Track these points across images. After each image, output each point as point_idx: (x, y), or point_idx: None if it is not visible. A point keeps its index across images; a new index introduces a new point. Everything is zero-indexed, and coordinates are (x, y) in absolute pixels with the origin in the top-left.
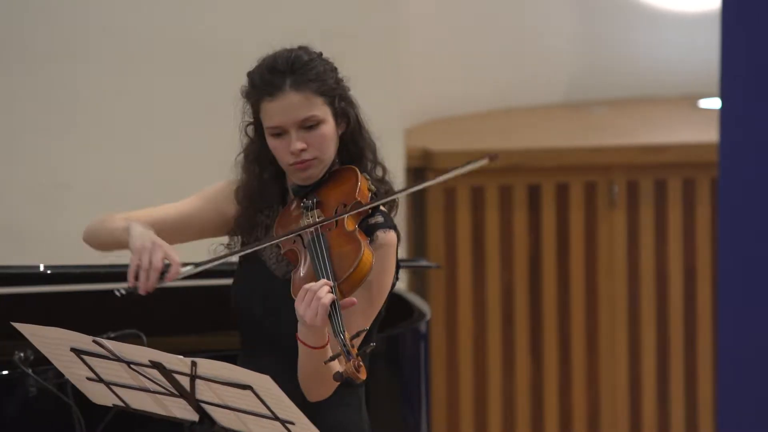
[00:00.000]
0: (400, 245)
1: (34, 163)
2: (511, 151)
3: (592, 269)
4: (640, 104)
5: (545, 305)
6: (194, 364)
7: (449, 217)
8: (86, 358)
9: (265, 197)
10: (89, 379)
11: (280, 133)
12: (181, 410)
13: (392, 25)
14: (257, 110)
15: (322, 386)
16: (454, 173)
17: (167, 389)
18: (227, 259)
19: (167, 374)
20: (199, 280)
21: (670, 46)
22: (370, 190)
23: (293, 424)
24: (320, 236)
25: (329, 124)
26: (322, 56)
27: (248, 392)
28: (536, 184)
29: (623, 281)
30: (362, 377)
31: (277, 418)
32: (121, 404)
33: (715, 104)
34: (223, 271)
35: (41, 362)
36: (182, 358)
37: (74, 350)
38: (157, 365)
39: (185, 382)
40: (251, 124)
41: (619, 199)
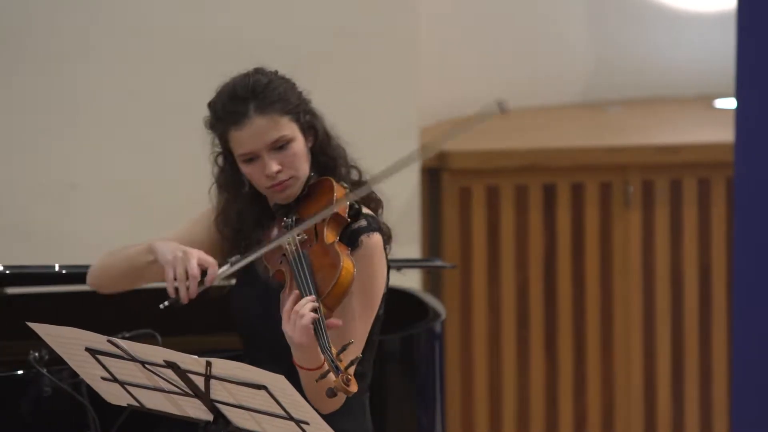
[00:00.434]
0: (416, 246)
1: (42, 162)
2: (526, 150)
3: (607, 269)
4: (655, 104)
5: (560, 305)
6: (209, 364)
7: (464, 216)
8: (101, 357)
9: (245, 220)
10: (104, 378)
11: (252, 158)
12: (195, 410)
13: (408, 25)
14: (225, 140)
15: (328, 402)
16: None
17: (182, 389)
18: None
19: (182, 374)
20: None
21: (685, 46)
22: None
23: (308, 424)
24: (301, 254)
25: (299, 140)
26: (278, 74)
27: (263, 392)
28: (551, 183)
29: (638, 281)
30: (352, 390)
31: (291, 418)
32: (135, 404)
33: (730, 104)
34: None
35: (56, 362)
36: (197, 358)
37: (89, 350)
38: (171, 365)
39: (200, 382)
40: (220, 153)
41: (634, 198)
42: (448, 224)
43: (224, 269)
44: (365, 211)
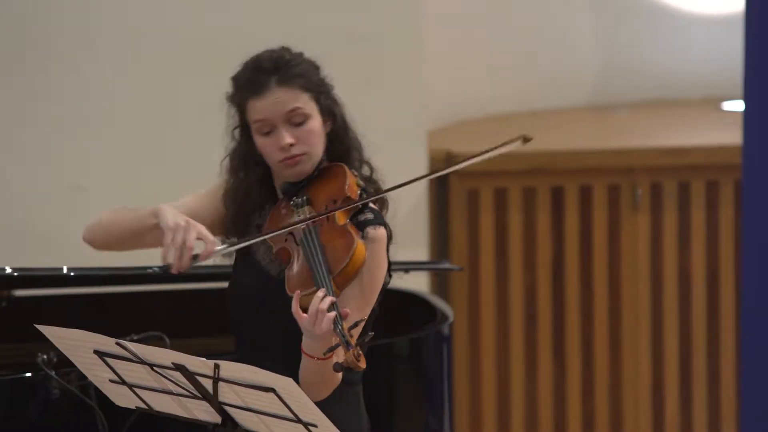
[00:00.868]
0: (423, 248)
1: (50, 164)
2: (534, 153)
3: (615, 272)
4: (663, 106)
5: (568, 308)
6: (217, 366)
7: (472, 219)
8: (109, 360)
9: (251, 200)
10: (112, 381)
11: (268, 131)
12: (203, 413)
13: (415, 27)
14: (243, 110)
15: (323, 389)
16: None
17: (190, 392)
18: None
19: (190, 377)
20: (221, 282)
21: (693, 48)
22: (358, 185)
23: (316, 426)
24: (313, 232)
25: (316, 119)
26: (303, 55)
27: (271, 395)
28: (559, 186)
29: (646, 284)
30: (362, 366)
31: (299, 420)
32: (143, 406)
33: (738, 106)
34: None
35: (64, 364)
36: (205, 360)
37: (97, 352)
38: (180, 368)
39: (208, 384)
40: (237, 127)
41: (642, 201)
42: (455, 227)
43: (221, 248)
44: (371, 206)
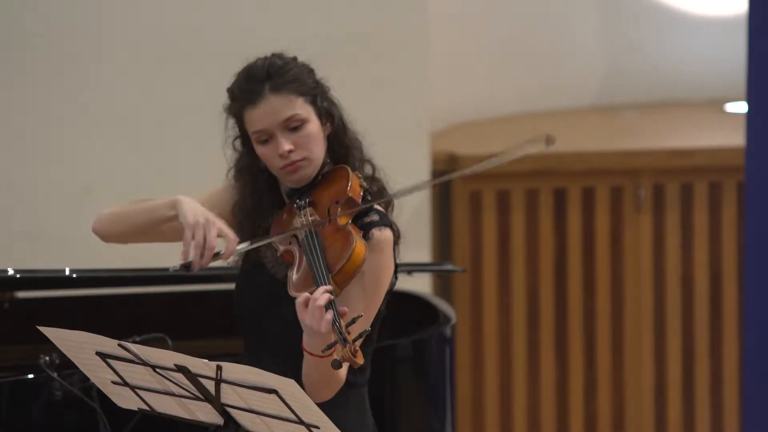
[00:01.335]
0: (426, 250)
1: (55, 165)
2: (537, 154)
3: (617, 273)
4: (666, 108)
5: (571, 309)
6: (219, 367)
7: (475, 220)
8: (111, 361)
9: (261, 207)
10: (114, 382)
11: (266, 139)
12: (205, 414)
13: (418, 28)
14: (241, 121)
15: (326, 389)
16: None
17: (192, 393)
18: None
19: (192, 378)
20: (224, 284)
21: (697, 50)
22: (362, 186)
23: (318, 428)
24: (314, 233)
25: (314, 123)
26: (296, 59)
27: (273, 396)
28: (562, 187)
29: (649, 285)
30: (359, 362)
31: (302, 422)
32: (146, 408)
33: (741, 108)
34: None
35: (67, 366)
36: (207, 361)
37: (99, 354)
38: (182, 369)
39: (210, 385)
40: (237, 137)
41: (645, 202)
42: (458, 228)
43: (243, 245)
44: (377, 207)
